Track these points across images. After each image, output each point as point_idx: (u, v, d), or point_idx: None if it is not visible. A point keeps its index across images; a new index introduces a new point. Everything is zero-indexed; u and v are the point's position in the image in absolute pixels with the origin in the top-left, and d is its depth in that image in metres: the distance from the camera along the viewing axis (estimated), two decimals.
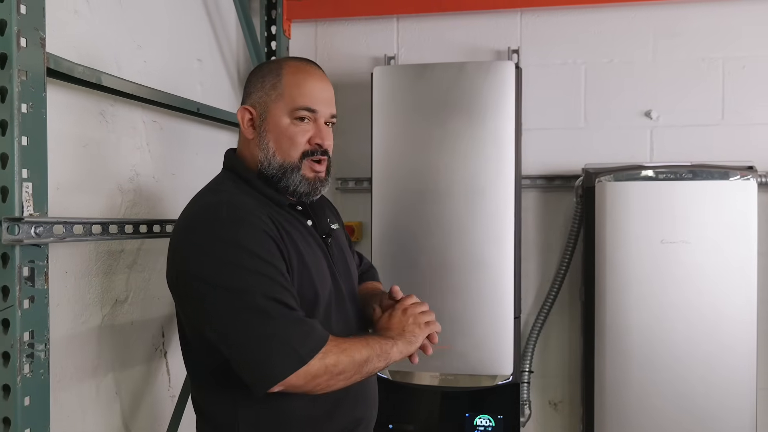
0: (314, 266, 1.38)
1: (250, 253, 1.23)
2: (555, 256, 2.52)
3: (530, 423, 2.54)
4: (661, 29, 2.44)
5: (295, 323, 1.20)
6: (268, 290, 1.20)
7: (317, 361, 1.19)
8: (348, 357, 1.24)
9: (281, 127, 1.39)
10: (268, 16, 2.59)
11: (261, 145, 1.40)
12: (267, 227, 1.28)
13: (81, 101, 1.64)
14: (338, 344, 1.24)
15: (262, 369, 1.18)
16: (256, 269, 1.22)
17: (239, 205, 1.31)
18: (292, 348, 1.18)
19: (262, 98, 1.41)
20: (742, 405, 2.09)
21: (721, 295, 2.09)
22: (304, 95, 1.39)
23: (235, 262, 1.22)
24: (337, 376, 1.24)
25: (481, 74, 2.19)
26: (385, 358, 1.32)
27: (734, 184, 2.08)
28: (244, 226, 1.26)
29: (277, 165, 1.39)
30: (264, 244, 1.26)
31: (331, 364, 1.21)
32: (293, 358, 1.17)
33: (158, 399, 1.98)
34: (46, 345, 1.30)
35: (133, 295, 1.85)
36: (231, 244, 1.23)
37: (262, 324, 1.18)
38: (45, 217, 1.28)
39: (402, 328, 1.39)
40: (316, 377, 1.20)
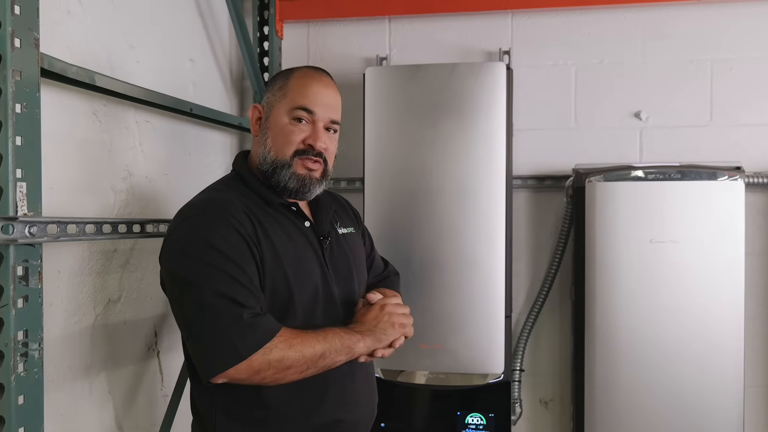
0: (295, 266, 1.40)
1: (212, 250, 1.28)
2: (545, 255, 2.54)
3: (521, 421, 2.56)
4: (650, 31, 2.46)
5: (239, 319, 1.24)
6: (222, 287, 1.25)
7: (260, 356, 1.24)
8: (296, 353, 1.28)
9: (280, 125, 1.44)
10: (260, 17, 2.60)
11: (261, 142, 1.47)
12: (239, 225, 1.32)
13: (74, 101, 1.64)
14: (288, 339, 1.27)
15: (205, 361, 1.25)
16: (214, 265, 1.27)
17: (216, 202, 1.37)
18: (233, 343, 1.23)
19: (269, 99, 1.48)
20: (730, 402, 2.11)
21: (710, 293, 2.11)
22: (305, 96, 1.44)
23: (196, 258, 1.28)
24: (286, 371, 1.28)
25: (472, 75, 2.21)
26: (348, 352, 1.36)
27: (722, 184, 2.10)
28: (214, 222, 1.31)
29: (271, 161, 1.44)
30: (230, 240, 1.30)
31: (275, 360, 1.25)
32: (233, 353, 1.23)
33: (151, 398, 1.99)
34: (40, 344, 1.30)
35: (126, 295, 1.85)
36: (197, 240, 1.30)
37: (209, 319, 1.24)
38: (39, 217, 1.29)
39: (375, 324, 1.43)
40: (260, 371, 1.25)
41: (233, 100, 2.56)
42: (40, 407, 1.32)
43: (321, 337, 1.32)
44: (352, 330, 1.39)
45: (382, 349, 1.43)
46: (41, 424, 1.32)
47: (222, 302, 1.24)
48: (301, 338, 1.29)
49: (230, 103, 2.52)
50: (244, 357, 1.22)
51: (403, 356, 2.23)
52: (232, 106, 2.55)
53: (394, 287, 1.72)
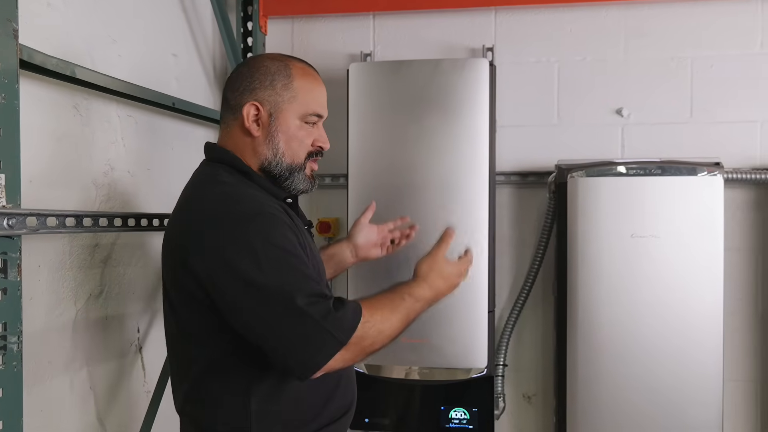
0: (315, 256, 1.44)
1: (282, 250, 1.26)
2: (529, 251, 2.55)
3: (504, 416, 2.57)
4: (632, 28, 2.48)
5: (330, 312, 1.23)
6: (304, 287, 1.24)
7: (354, 345, 1.25)
8: (383, 335, 1.31)
9: (293, 129, 1.43)
10: (244, 12, 2.59)
11: (270, 144, 1.42)
12: (287, 220, 1.33)
13: (54, 94, 1.63)
14: (375, 323, 1.29)
15: (307, 357, 1.23)
16: (289, 266, 1.25)
17: (252, 198, 1.34)
18: (331, 336, 1.22)
19: (273, 97, 1.41)
20: (710, 396, 2.13)
21: (690, 288, 2.13)
22: (317, 101, 1.46)
23: (269, 261, 1.24)
24: (374, 352, 1.32)
25: (456, 71, 2.21)
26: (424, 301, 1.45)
27: (702, 179, 2.13)
28: (268, 221, 1.29)
29: (286, 165, 1.43)
30: (291, 238, 1.30)
31: (367, 345, 1.28)
32: (332, 345, 1.23)
33: (133, 394, 1.98)
34: (19, 337, 1.29)
35: (107, 290, 1.84)
36: (262, 242, 1.25)
37: (301, 317, 1.21)
38: (18, 209, 1.28)
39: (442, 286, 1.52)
40: (354, 357, 1.28)
41: (216, 96, 2.55)
42: (20, 402, 1.31)
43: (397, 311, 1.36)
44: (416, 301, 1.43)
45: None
46: (20, 418, 1.31)
47: (312, 301, 1.23)
48: (382, 318, 1.31)
49: (213, 98, 2.51)
50: (344, 344, 1.23)
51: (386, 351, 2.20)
52: (215, 102, 2.54)
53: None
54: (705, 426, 2.12)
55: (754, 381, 2.43)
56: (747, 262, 2.42)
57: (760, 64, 2.40)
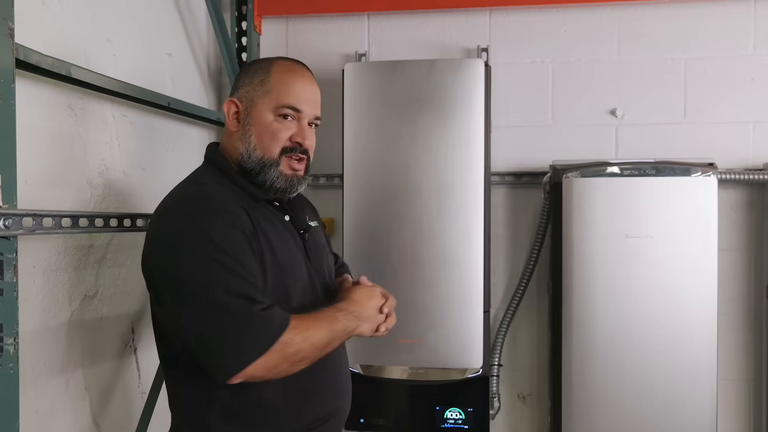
0: (288, 262, 1.40)
1: (217, 248, 1.25)
2: (523, 251, 2.56)
3: (499, 416, 2.58)
4: (626, 30, 2.49)
5: (253, 317, 1.22)
6: (232, 285, 1.23)
7: (276, 351, 1.22)
8: (309, 345, 1.28)
9: (265, 122, 1.41)
10: (238, 12, 2.58)
11: (243, 139, 1.43)
12: (239, 221, 1.31)
13: (49, 94, 1.62)
14: (301, 331, 1.26)
15: (225, 360, 1.22)
16: (222, 264, 1.24)
17: (213, 197, 1.34)
18: (251, 340, 1.21)
19: (249, 93, 1.43)
20: (704, 396, 2.14)
21: (684, 288, 2.14)
22: (291, 94, 1.42)
23: (202, 256, 1.24)
24: (298, 363, 1.28)
25: (451, 72, 2.22)
26: (347, 336, 1.39)
27: (696, 180, 2.14)
28: (215, 219, 1.28)
29: (257, 159, 1.41)
30: (233, 238, 1.28)
31: (291, 353, 1.25)
32: (252, 351, 1.20)
33: (128, 395, 1.97)
34: (15, 339, 1.28)
35: (102, 291, 1.83)
36: (201, 237, 1.26)
37: (224, 318, 1.21)
38: (14, 209, 1.27)
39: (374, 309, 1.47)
40: (277, 366, 1.24)
41: (211, 96, 2.54)
42: (16, 403, 1.30)
43: (328, 324, 1.34)
44: (351, 313, 1.40)
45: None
46: (16, 421, 1.30)
47: (233, 300, 1.22)
48: (312, 328, 1.29)
49: (208, 98, 2.51)
50: (264, 351, 1.21)
51: (382, 351, 2.23)
52: (210, 102, 2.53)
53: (348, 273, 1.78)
54: (699, 425, 2.14)
55: (748, 380, 2.44)
56: (740, 262, 2.43)
57: (753, 64, 2.42)
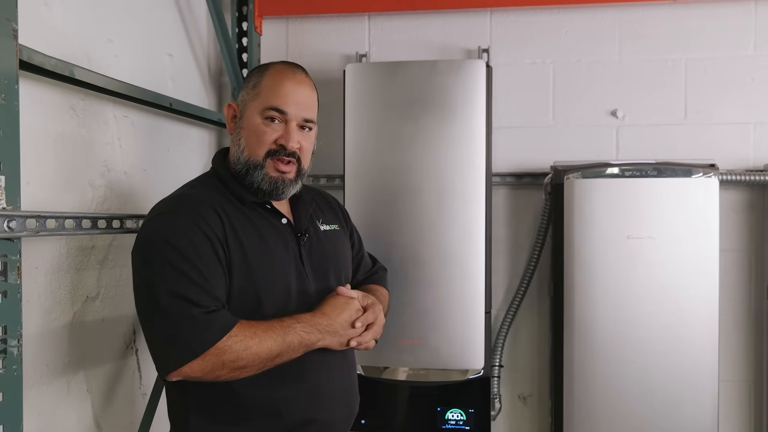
0: (264, 265, 1.40)
1: (171, 248, 1.29)
2: (524, 252, 2.56)
3: (500, 417, 2.58)
4: (627, 30, 2.49)
5: (191, 318, 1.24)
6: (175, 286, 1.26)
7: (213, 356, 1.24)
8: (251, 354, 1.28)
9: (252, 125, 1.44)
10: (239, 12, 2.58)
11: (235, 141, 1.47)
12: (205, 224, 1.33)
13: (51, 95, 1.61)
14: (243, 339, 1.27)
15: (161, 358, 1.28)
16: (171, 264, 1.28)
17: (187, 200, 1.38)
18: (186, 341, 1.24)
19: (243, 97, 1.48)
20: (705, 397, 2.14)
21: (685, 289, 2.14)
22: (277, 96, 1.43)
23: (155, 256, 1.30)
24: (241, 369, 1.29)
25: (452, 72, 2.21)
26: (306, 349, 1.37)
27: (697, 181, 2.14)
28: (179, 221, 1.32)
29: (244, 161, 1.44)
30: (191, 239, 1.31)
31: (229, 360, 1.26)
32: (186, 351, 1.24)
33: (130, 396, 1.97)
34: (19, 341, 1.28)
35: (104, 292, 1.83)
36: (159, 239, 1.31)
37: (162, 318, 1.26)
38: (18, 211, 1.27)
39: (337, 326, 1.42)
40: (213, 370, 1.26)
41: (212, 96, 2.54)
42: (19, 405, 1.30)
43: (279, 335, 1.31)
44: (313, 326, 1.37)
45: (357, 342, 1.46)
46: (20, 422, 1.29)
47: (175, 301, 1.25)
48: (258, 338, 1.29)
49: (209, 99, 2.50)
50: (198, 354, 1.23)
51: (383, 353, 2.23)
52: (211, 102, 2.53)
53: (380, 282, 1.76)
54: (700, 426, 2.14)
55: (749, 381, 2.45)
56: (741, 263, 2.44)
57: (753, 65, 2.42)
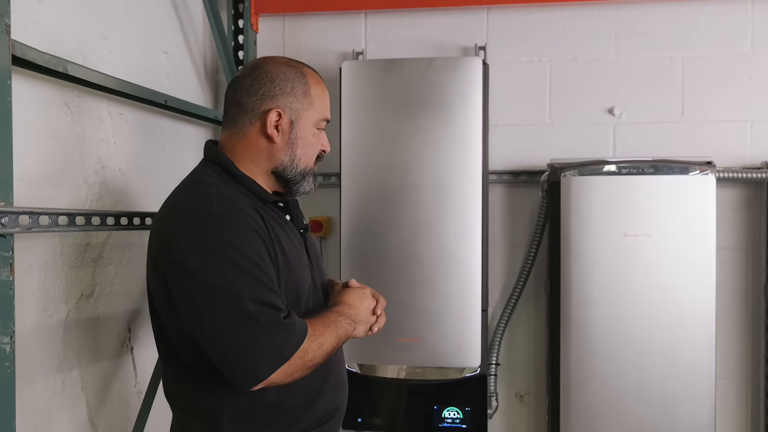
0: (296, 263, 1.41)
1: (241, 255, 1.24)
2: (521, 250, 2.56)
3: (497, 415, 2.57)
4: (623, 28, 2.49)
5: (279, 324, 1.24)
6: (257, 293, 1.23)
7: (297, 358, 1.25)
8: (322, 351, 1.32)
9: (309, 135, 1.45)
10: (235, 10, 2.57)
11: (288, 150, 1.43)
12: (257, 225, 1.31)
13: (44, 91, 1.61)
14: (316, 338, 1.31)
15: (247, 369, 1.22)
16: (246, 271, 1.24)
17: (229, 200, 1.32)
18: (277, 348, 1.22)
19: (294, 104, 1.42)
20: (701, 394, 2.14)
21: (682, 286, 2.14)
22: (327, 107, 1.50)
23: (227, 263, 1.23)
24: (310, 369, 1.31)
25: (449, 70, 2.21)
26: (346, 339, 1.42)
27: (694, 178, 2.14)
28: (235, 224, 1.27)
29: (300, 170, 1.45)
30: (254, 244, 1.28)
31: (308, 360, 1.28)
32: (276, 358, 1.22)
33: (125, 395, 1.96)
34: (11, 337, 1.27)
35: (99, 290, 1.82)
36: (224, 244, 1.24)
37: (249, 327, 1.21)
38: (11, 207, 1.26)
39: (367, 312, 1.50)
40: (294, 372, 1.27)
41: (207, 94, 2.53)
42: (12, 402, 1.29)
43: (334, 330, 1.36)
44: (350, 318, 1.43)
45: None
46: (13, 420, 1.29)
47: (260, 308, 1.22)
48: (324, 335, 1.33)
49: (204, 96, 2.50)
50: (287, 358, 1.23)
51: (379, 351, 2.23)
52: (207, 100, 2.52)
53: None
54: (697, 424, 2.13)
55: (746, 379, 2.45)
56: (738, 261, 2.44)
57: (750, 63, 2.42)
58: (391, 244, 2.22)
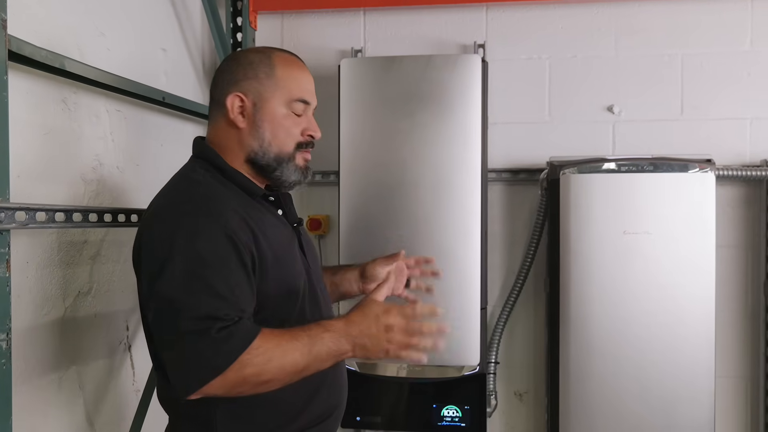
0: (289, 258, 1.39)
1: (199, 261, 1.21)
2: (520, 248, 2.55)
3: (496, 413, 2.57)
4: (623, 26, 2.48)
5: (210, 338, 1.17)
6: (200, 307, 1.19)
7: (234, 372, 1.17)
8: (275, 367, 1.20)
9: (278, 117, 1.39)
10: (233, 7, 2.56)
11: (255, 135, 1.39)
12: (229, 228, 1.26)
13: (42, 88, 1.60)
14: (264, 352, 1.19)
15: (180, 379, 1.19)
16: (199, 278, 1.20)
17: (208, 200, 1.30)
18: (207, 361, 1.16)
19: (256, 87, 1.39)
20: (701, 393, 2.14)
21: (682, 284, 2.14)
22: (302, 88, 1.42)
23: (182, 271, 1.21)
24: (265, 384, 1.21)
25: (448, 67, 2.20)
26: (335, 360, 1.26)
27: (693, 176, 2.13)
28: (204, 226, 1.24)
29: (274, 155, 1.39)
30: (219, 249, 1.23)
31: (250, 374, 1.18)
32: (207, 371, 1.16)
33: (122, 393, 1.95)
34: (8, 334, 1.26)
35: (96, 288, 1.81)
36: (185, 249, 1.22)
37: (185, 340, 1.18)
38: (7, 203, 1.25)
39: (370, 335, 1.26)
40: (236, 386, 1.19)
41: (206, 92, 2.52)
42: (8, 400, 1.28)
43: (306, 346, 1.22)
44: (338, 333, 1.25)
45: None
46: (9, 417, 1.28)
47: (199, 323, 1.18)
48: (282, 348, 1.20)
49: (203, 94, 2.49)
50: (221, 370, 1.16)
51: None
52: (205, 97, 2.51)
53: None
54: (697, 422, 2.13)
55: (745, 378, 2.44)
56: (738, 259, 2.43)
57: (749, 61, 2.42)
58: (389, 242, 2.21)
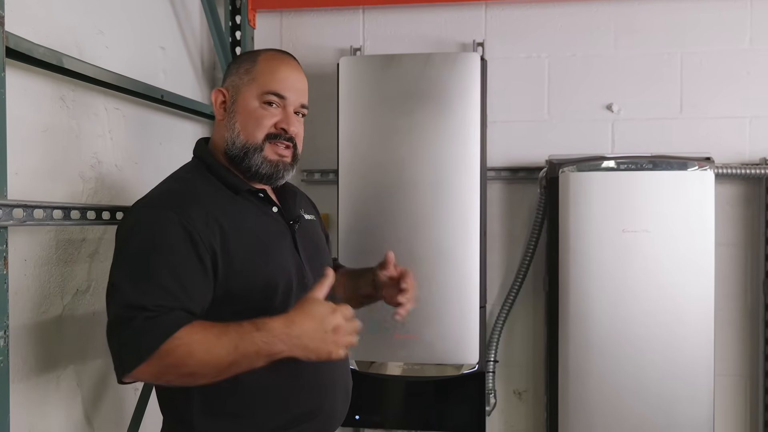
0: (270, 254, 1.38)
1: (150, 248, 1.25)
2: (519, 247, 2.55)
3: (495, 412, 2.57)
4: (622, 24, 2.48)
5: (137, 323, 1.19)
6: (134, 295, 1.21)
7: (155, 359, 1.17)
8: (196, 361, 1.19)
9: (249, 109, 1.42)
10: (232, 6, 2.56)
11: (228, 126, 1.44)
12: (191, 221, 1.28)
13: (40, 85, 1.59)
14: (187, 344, 1.18)
15: (115, 361, 1.22)
16: (138, 268, 1.24)
17: (174, 196, 1.34)
18: (131, 348, 1.18)
19: (235, 82, 1.45)
20: (700, 391, 2.14)
21: (681, 283, 2.14)
22: (276, 81, 1.43)
23: (126, 259, 1.26)
24: (190, 376, 1.21)
25: (447, 66, 2.20)
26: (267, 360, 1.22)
27: (692, 174, 2.13)
28: (160, 218, 1.28)
29: (240, 145, 1.42)
30: (171, 240, 1.26)
31: (172, 365, 1.19)
32: (132, 357, 1.18)
33: (121, 391, 1.94)
34: (5, 332, 1.26)
35: (95, 285, 1.80)
36: (141, 236, 1.27)
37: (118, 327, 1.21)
38: (4, 200, 1.25)
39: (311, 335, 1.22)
40: (162, 374, 1.20)
41: (205, 90, 2.52)
42: (6, 398, 1.28)
43: (233, 342, 1.19)
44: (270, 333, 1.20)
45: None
46: (7, 416, 1.28)
47: (128, 312, 1.20)
48: (207, 344, 1.19)
49: (201, 92, 2.48)
50: (144, 358, 1.17)
51: (377, 347, 2.22)
52: (204, 96, 2.51)
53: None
54: (696, 421, 2.13)
55: (744, 376, 2.44)
56: (737, 258, 2.43)
57: (749, 59, 2.42)
58: (388, 240, 2.21)
